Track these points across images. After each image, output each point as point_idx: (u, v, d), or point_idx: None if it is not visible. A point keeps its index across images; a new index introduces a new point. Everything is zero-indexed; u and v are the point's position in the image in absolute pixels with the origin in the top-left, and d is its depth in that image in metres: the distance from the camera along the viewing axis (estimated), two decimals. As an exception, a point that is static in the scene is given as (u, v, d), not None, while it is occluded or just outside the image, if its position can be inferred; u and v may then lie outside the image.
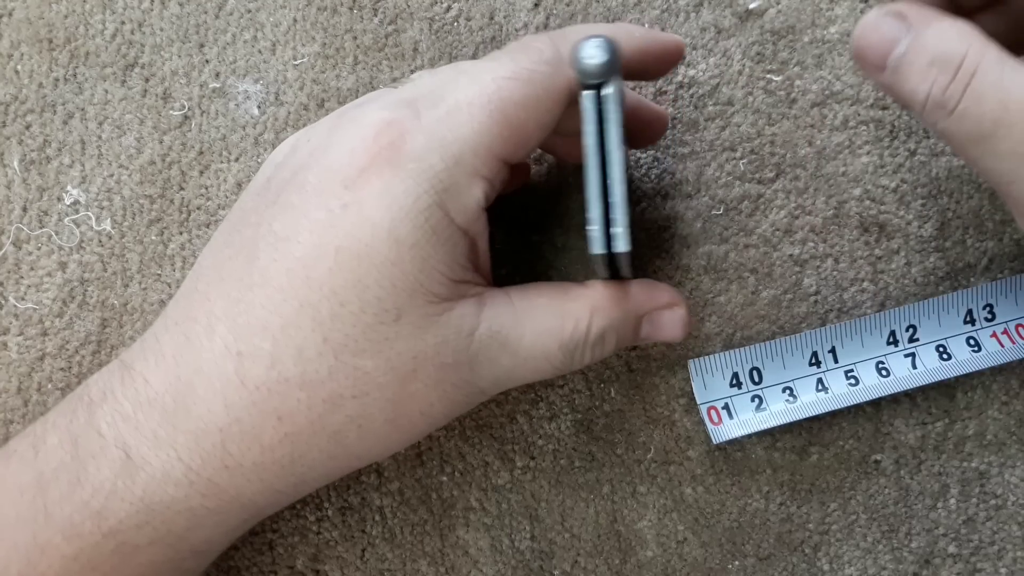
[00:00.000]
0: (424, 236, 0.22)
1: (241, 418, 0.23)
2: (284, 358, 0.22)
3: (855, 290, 0.30)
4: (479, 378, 0.24)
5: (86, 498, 0.22)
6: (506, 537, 0.30)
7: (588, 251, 0.23)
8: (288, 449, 0.23)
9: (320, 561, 0.30)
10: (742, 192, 0.31)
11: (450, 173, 0.23)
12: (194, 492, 0.23)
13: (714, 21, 0.31)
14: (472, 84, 0.23)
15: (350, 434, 0.23)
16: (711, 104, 0.31)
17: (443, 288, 0.23)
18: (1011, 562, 0.30)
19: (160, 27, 0.31)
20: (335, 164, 0.23)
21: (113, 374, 0.24)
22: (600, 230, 0.22)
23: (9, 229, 0.30)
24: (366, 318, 0.22)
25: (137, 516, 0.23)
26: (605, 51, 0.21)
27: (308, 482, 0.24)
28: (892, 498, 0.30)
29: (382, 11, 0.31)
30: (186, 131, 0.31)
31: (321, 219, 0.23)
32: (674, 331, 0.26)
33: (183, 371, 0.23)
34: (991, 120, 0.21)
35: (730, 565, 0.30)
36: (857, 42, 0.23)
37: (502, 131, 0.23)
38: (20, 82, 0.31)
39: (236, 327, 0.23)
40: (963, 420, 0.30)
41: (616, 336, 0.25)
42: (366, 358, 0.22)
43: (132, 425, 0.23)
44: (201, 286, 0.24)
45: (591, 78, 0.22)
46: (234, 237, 0.24)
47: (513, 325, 0.24)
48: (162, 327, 0.24)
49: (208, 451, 0.23)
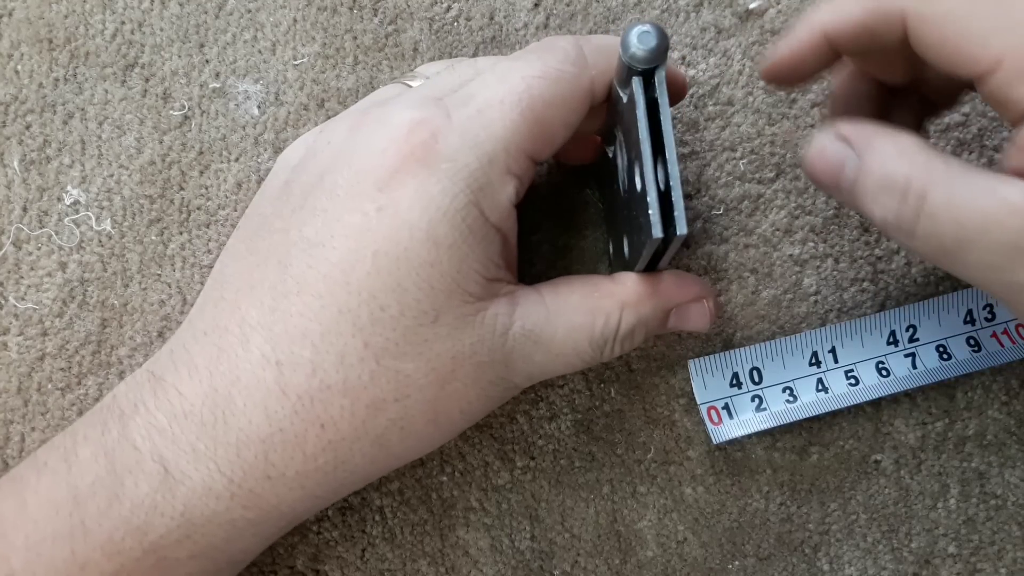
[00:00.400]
0: (461, 236, 0.22)
1: (284, 428, 0.22)
2: (325, 365, 0.22)
3: (855, 290, 0.30)
4: (513, 374, 0.24)
5: (126, 514, 0.22)
6: (506, 537, 0.30)
7: (640, 238, 0.23)
8: (331, 456, 0.23)
9: (320, 561, 0.30)
10: (742, 192, 0.31)
11: (484, 172, 0.23)
12: (235, 504, 0.23)
13: (714, 21, 0.31)
14: (502, 82, 0.23)
15: (392, 437, 0.23)
16: (711, 104, 0.31)
17: (478, 287, 0.23)
18: (1011, 562, 0.30)
19: (160, 27, 0.31)
20: (366, 166, 0.23)
21: (143, 386, 0.24)
22: (658, 214, 0.22)
23: (9, 229, 0.30)
24: (406, 321, 0.22)
25: (178, 531, 0.22)
26: (656, 37, 0.21)
27: (347, 486, 0.24)
28: (892, 498, 0.30)
29: (382, 11, 0.31)
30: (186, 131, 0.31)
31: (356, 223, 0.22)
32: (701, 322, 0.26)
33: (219, 382, 0.23)
34: (952, 239, 0.20)
35: (730, 565, 0.30)
36: (808, 168, 0.23)
37: (532, 129, 0.23)
38: (20, 82, 0.31)
39: (273, 336, 0.22)
40: (963, 420, 0.30)
41: (645, 329, 0.25)
42: (407, 361, 0.22)
43: (168, 439, 0.23)
44: (229, 295, 0.24)
45: (642, 64, 0.22)
46: (258, 244, 0.24)
47: (546, 323, 0.24)
48: (190, 337, 0.24)
49: (250, 462, 0.22)
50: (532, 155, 0.23)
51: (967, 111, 0.31)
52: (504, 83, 0.23)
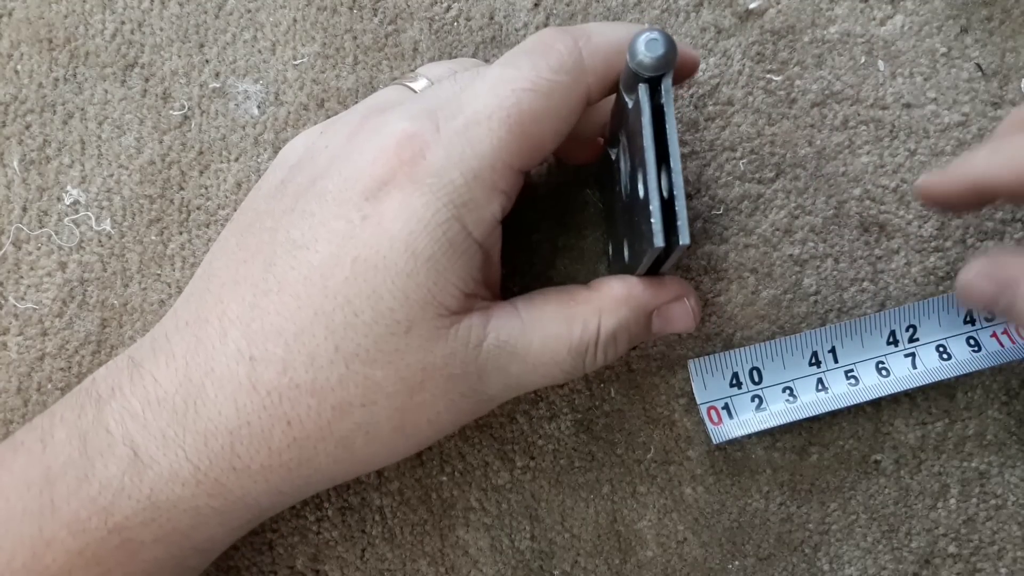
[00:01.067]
0: (440, 249, 0.22)
1: (251, 421, 0.23)
2: (296, 364, 0.23)
3: (855, 290, 0.30)
4: (488, 386, 0.24)
5: (93, 494, 0.23)
6: (506, 537, 0.30)
7: (641, 244, 0.23)
8: (296, 453, 0.23)
9: (320, 561, 0.30)
10: (742, 192, 0.31)
11: (469, 188, 0.23)
12: (201, 492, 0.23)
13: (714, 21, 0.31)
14: (491, 94, 0.23)
15: (357, 440, 0.23)
16: (711, 104, 0.31)
17: (455, 301, 0.23)
18: (1011, 562, 0.30)
19: (160, 27, 0.31)
20: (355, 174, 0.23)
21: (122, 371, 0.24)
22: (660, 223, 0.22)
23: (9, 229, 0.30)
24: (378, 328, 0.22)
25: (143, 513, 0.23)
26: (664, 45, 0.21)
27: (313, 484, 0.25)
28: (892, 498, 0.30)
29: (382, 11, 0.31)
30: (186, 131, 0.31)
31: (340, 229, 0.23)
32: (685, 322, 0.26)
33: (194, 373, 0.23)
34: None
35: (730, 565, 0.30)
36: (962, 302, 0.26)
37: (520, 144, 0.23)
38: (20, 82, 0.31)
39: (250, 332, 0.23)
40: (963, 420, 0.30)
41: (628, 335, 0.25)
42: (376, 368, 0.23)
43: (140, 424, 0.23)
44: (214, 287, 0.24)
45: (649, 71, 0.22)
46: (248, 240, 0.24)
47: (520, 334, 0.24)
48: (172, 326, 0.24)
49: (217, 452, 0.23)
50: (520, 168, 0.24)
51: (967, 111, 0.31)
52: (493, 96, 0.23)
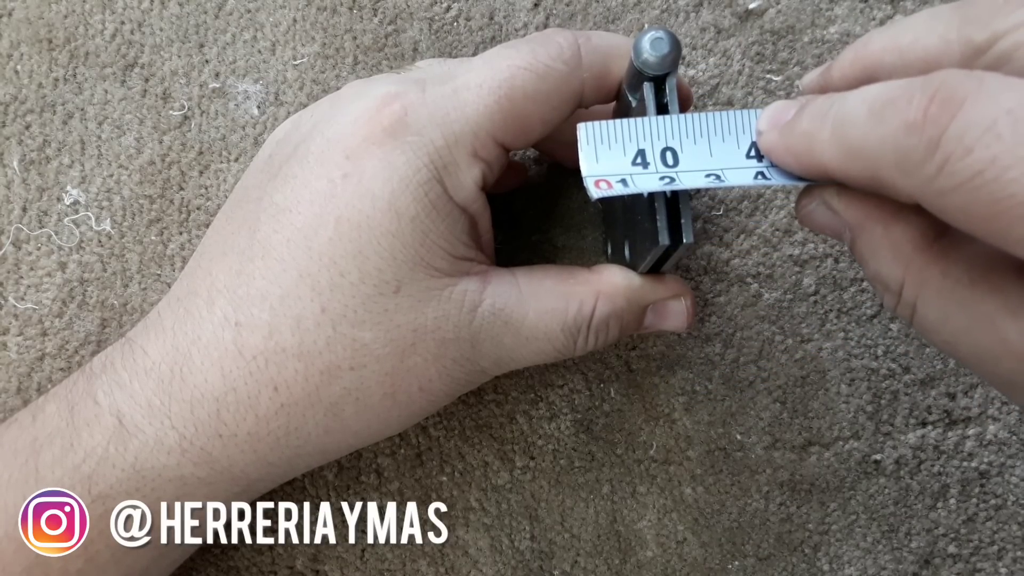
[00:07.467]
0: (423, 209, 0.22)
1: (237, 387, 0.23)
2: (282, 328, 0.22)
3: (855, 290, 0.30)
4: (480, 356, 0.24)
5: (77, 462, 0.23)
6: (506, 537, 0.30)
7: (644, 243, 0.23)
8: (284, 420, 0.23)
9: (320, 561, 0.30)
10: (742, 192, 0.31)
11: (449, 150, 0.23)
12: (186, 460, 0.23)
13: (714, 21, 0.31)
14: (485, 67, 0.23)
15: (347, 407, 0.23)
16: (711, 104, 0.31)
17: (444, 263, 0.23)
18: (1011, 562, 0.30)
19: (160, 27, 0.31)
20: (337, 135, 0.23)
21: (115, 349, 0.24)
22: (665, 222, 0.22)
23: (9, 229, 0.30)
24: (365, 289, 0.22)
25: (127, 482, 0.23)
26: (669, 44, 0.22)
27: (303, 456, 0.24)
28: (892, 498, 0.30)
29: (382, 11, 0.31)
30: (186, 131, 0.31)
31: (322, 189, 0.22)
32: (678, 321, 0.26)
33: (180, 341, 0.23)
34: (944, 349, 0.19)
35: (730, 565, 0.30)
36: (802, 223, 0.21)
37: (506, 117, 0.23)
38: (20, 82, 0.31)
39: (236, 298, 0.23)
40: (963, 420, 0.30)
41: (620, 323, 0.25)
42: (364, 329, 0.22)
43: (127, 393, 0.23)
44: (204, 262, 0.24)
45: (654, 70, 0.22)
46: (236, 212, 0.24)
47: (517, 304, 0.24)
48: (165, 304, 0.25)
49: (203, 420, 0.23)
50: (503, 143, 0.23)
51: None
52: (487, 68, 0.23)
